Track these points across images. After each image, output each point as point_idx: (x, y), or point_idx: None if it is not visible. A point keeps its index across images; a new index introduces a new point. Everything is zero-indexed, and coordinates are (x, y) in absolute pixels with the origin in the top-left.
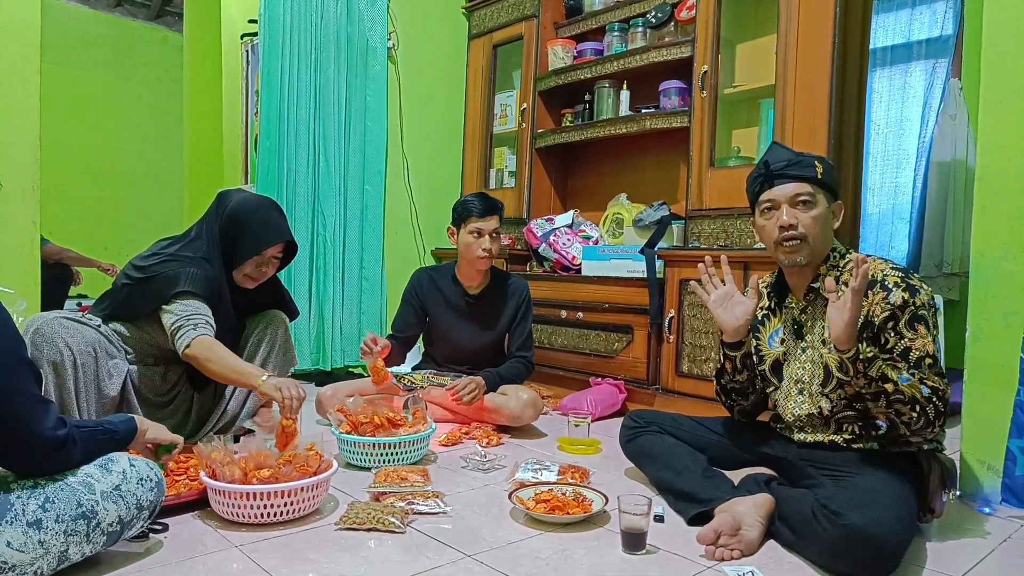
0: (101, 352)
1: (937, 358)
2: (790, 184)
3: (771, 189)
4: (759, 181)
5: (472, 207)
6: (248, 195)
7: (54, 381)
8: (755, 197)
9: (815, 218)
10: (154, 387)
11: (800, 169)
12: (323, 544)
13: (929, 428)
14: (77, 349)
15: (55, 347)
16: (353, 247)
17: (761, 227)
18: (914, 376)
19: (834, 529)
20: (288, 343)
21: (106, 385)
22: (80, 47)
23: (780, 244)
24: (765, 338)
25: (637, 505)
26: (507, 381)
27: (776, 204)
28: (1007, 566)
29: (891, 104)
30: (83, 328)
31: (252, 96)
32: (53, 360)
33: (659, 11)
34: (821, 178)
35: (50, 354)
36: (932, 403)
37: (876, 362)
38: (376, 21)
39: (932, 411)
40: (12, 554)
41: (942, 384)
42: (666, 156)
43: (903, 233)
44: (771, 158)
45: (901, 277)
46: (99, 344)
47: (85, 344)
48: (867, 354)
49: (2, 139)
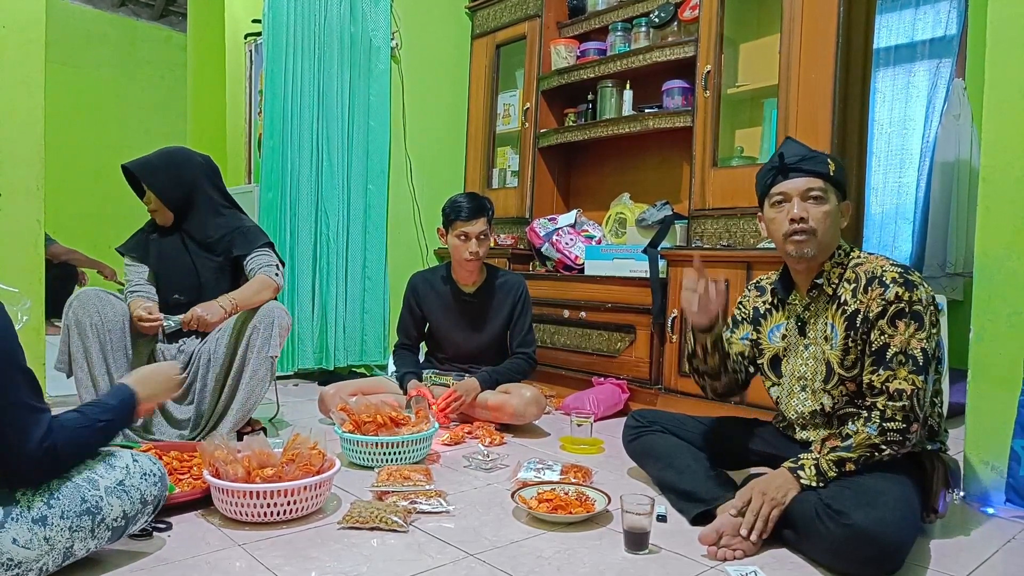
0: (129, 324)
1: (918, 356)
2: (803, 178)
3: (784, 182)
4: (772, 174)
5: (459, 210)
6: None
7: (80, 343)
8: (766, 190)
9: (825, 213)
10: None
11: (814, 164)
12: (326, 543)
13: (907, 435)
14: (105, 317)
15: (87, 310)
16: (356, 246)
17: (771, 219)
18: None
19: (837, 528)
20: (271, 331)
21: (134, 354)
22: (84, 46)
23: (789, 236)
24: (766, 332)
25: (640, 505)
26: (506, 379)
27: (788, 197)
28: (1011, 567)
29: (895, 104)
30: (119, 302)
31: (255, 95)
32: (80, 320)
33: (662, 11)
34: (833, 175)
35: (80, 314)
36: (889, 421)
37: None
38: (380, 21)
39: (895, 425)
40: (18, 551)
41: (916, 384)
42: (669, 156)
43: (906, 233)
44: (786, 151)
45: (899, 273)
46: (129, 318)
47: (115, 313)
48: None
49: (6, 138)
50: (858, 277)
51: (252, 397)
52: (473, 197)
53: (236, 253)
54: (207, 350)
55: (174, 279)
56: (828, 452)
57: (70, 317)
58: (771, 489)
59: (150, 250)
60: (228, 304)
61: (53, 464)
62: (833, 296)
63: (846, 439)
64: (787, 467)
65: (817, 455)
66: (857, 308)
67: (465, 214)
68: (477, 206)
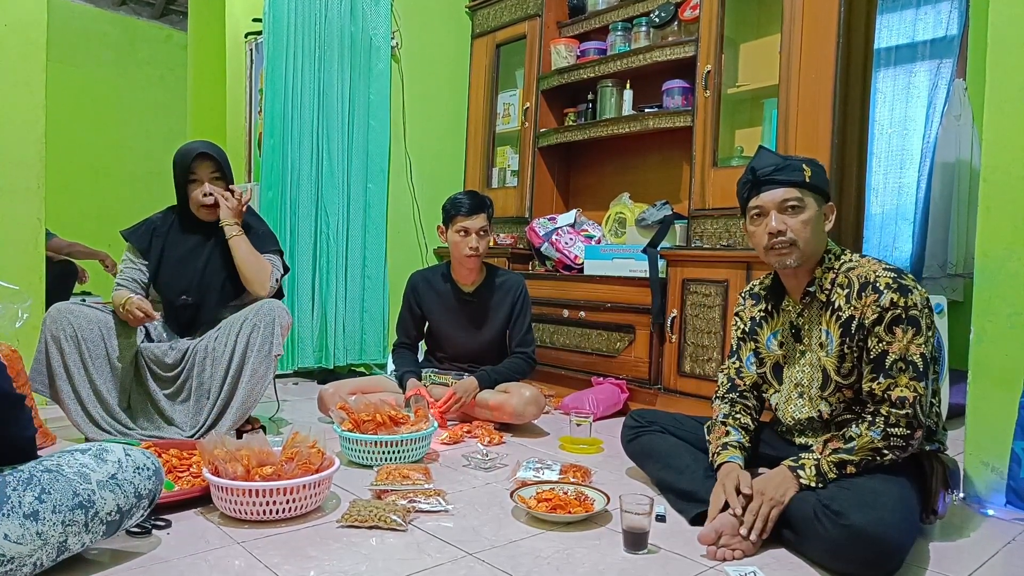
0: (107, 330)
1: (918, 361)
2: (778, 190)
3: (759, 196)
4: (747, 188)
5: (459, 205)
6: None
7: (57, 354)
8: (744, 203)
9: (804, 222)
10: (160, 362)
11: (787, 174)
12: (325, 541)
13: (910, 440)
14: (79, 326)
15: (59, 325)
16: (356, 245)
17: (752, 233)
18: (856, 436)
19: (836, 529)
20: (273, 331)
21: (117, 358)
22: (84, 45)
23: (770, 249)
24: (764, 340)
25: (639, 504)
26: (505, 378)
27: (765, 211)
28: (1010, 568)
29: (895, 104)
30: (91, 310)
31: (256, 95)
32: (56, 335)
33: (662, 10)
34: (809, 181)
35: (53, 330)
36: (892, 427)
37: (823, 467)
38: (380, 20)
39: (899, 431)
40: (10, 547)
41: (917, 390)
42: (669, 156)
43: (907, 234)
44: (757, 164)
45: (893, 278)
46: (105, 323)
47: (88, 323)
48: (811, 478)
49: (7, 137)
50: (851, 282)
51: (252, 395)
52: (473, 194)
53: None
54: (204, 348)
55: (183, 279)
56: (830, 453)
57: (45, 335)
58: (770, 488)
59: (153, 246)
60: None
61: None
62: (827, 302)
63: (848, 441)
64: (787, 465)
65: (819, 456)
66: (851, 314)
67: (465, 209)
68: (478, 202)
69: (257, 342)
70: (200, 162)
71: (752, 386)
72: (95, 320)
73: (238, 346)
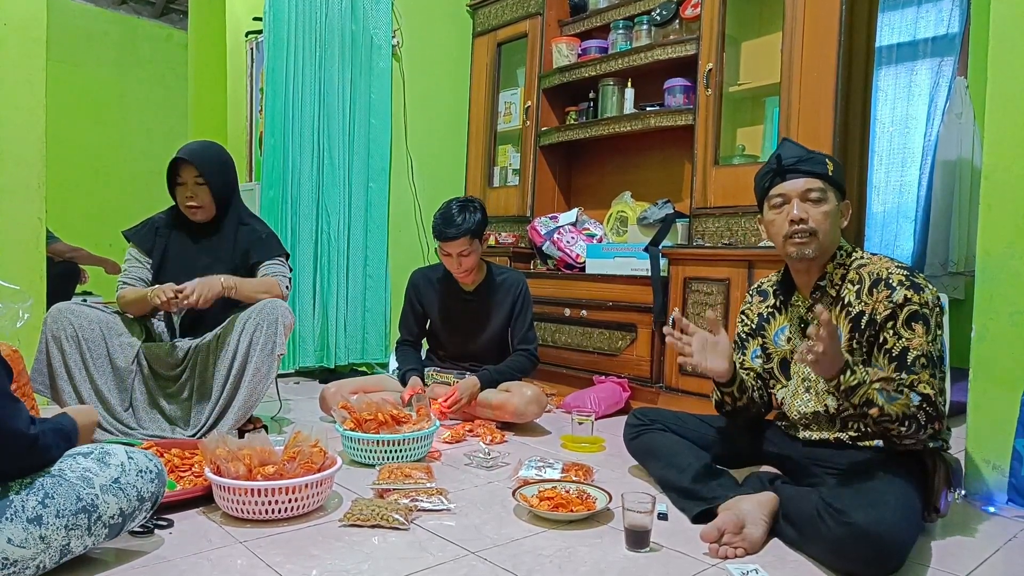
0: (107, 330)
1: (934, 358)
2: (801, 179)
3: (782, 183)
4: (770, 176)
5: (436, 231)
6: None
7: (58, 353)
8: (764, 192)
9: (825, 214)
10: (162, 362)
11: (812, 165)
12: (327, 540)
13: (920, 432)
14: (79, 326)
15: (59, 325)
16: (357, 245)
17: (771, 221)
18: (902, 394)
19: (838, 527)
20: (276, 330)
21: (118, 358)
22: (85, 44)
23: (789, 238)
24: (771, 336)
25: (641, 503)
26: (507, 377)
27: (787, 198)
28: (1012, 566)
29: (896, 102)
30: (91, 310)
31: (256, 94)
32: (56, 335)
33: (664, 9)
34: (832, 175)
35: (54, 330)
36: (923, 409)
37: (860, 389)
38: (381, 19)
39: (923, 416)
40: (13, 550)
41: (936, 388)
42: (670, 154)
43: (908, 232)
44: (783, 153)
45: (905, 275)
46: (105, 323)
47: (88, 323)
48: (850, 383)
49: (8, 136)
50: (862, 278)
51: (254, 395)
52: (450, 219)
53: (253, 260)
54: (206, 347)
55: (185, 278)
56: (876, 385)
57: (46, 334)
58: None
59: (156, 245)
60: (227, 283)
61: (38, 451)
62: (837, 298)
63: (892, 392)
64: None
65: (867, 377)
66: (862, 310)
67: (441, 238)
68: (452, 231)
69: (260, 341)
70: (183, 166)
71: (755, 376)
72: (96, 320)
73: (241, 345)
